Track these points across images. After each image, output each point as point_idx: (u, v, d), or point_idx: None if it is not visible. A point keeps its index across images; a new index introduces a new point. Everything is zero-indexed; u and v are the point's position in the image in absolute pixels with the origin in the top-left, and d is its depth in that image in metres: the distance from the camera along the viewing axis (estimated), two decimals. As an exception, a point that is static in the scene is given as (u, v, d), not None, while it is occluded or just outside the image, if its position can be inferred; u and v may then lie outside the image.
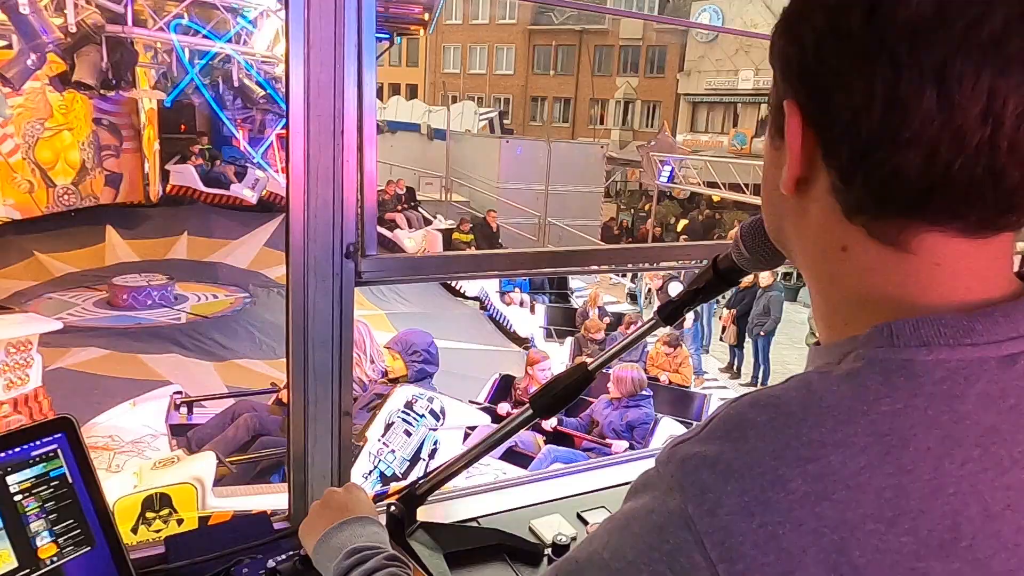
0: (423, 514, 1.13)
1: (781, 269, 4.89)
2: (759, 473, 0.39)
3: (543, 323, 8.73)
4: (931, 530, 0.37)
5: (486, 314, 9.12)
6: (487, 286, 9.38)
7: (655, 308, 0.89)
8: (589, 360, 0.92)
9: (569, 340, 7.86)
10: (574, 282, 10.71)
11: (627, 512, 0.44)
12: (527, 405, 0.95)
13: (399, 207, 12.72)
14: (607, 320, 8.15)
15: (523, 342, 8.13)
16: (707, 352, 9.99)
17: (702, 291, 0.83)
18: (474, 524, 1.17)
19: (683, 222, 16.68)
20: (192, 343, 6.83)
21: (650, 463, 0.46)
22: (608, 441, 4.87)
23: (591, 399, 5.19)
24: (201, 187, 10.60)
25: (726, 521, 0.38)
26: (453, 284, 9.63)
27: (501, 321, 8.77)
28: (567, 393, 0.93)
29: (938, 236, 0.41)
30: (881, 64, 0.39)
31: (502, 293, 9.38)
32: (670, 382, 7.09)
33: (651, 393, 5.17)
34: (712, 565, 0.38)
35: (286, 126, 0.99)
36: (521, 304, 9.17)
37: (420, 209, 13.38)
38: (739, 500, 0.38)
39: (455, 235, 11.53)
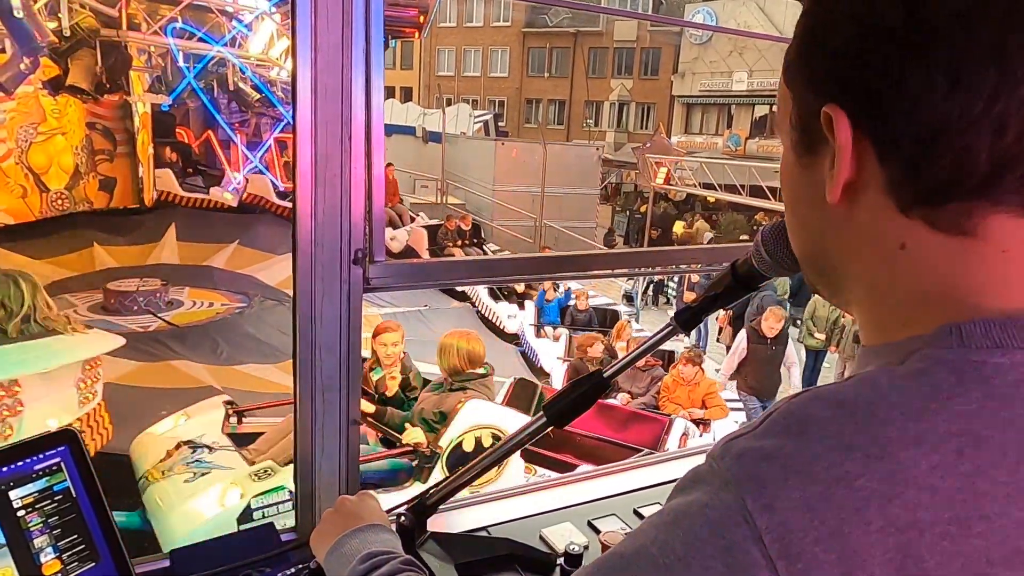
0: (432, 523, 1.11)
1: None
2: (823, 468, 0.37)
3: (562, 353, 8.44)
4: (1005, 536, 0.35)
5: (519, 349, 8.94)
6: (525, 322, 9.20)
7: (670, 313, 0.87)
8: (605, 368, 0.91)
9: (564, 365, 7.47)
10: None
11: (677, 507, 0.42)
12: (540, 413, 0.94)
13: (460, 242, 12.05)
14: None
15: (545, 376, 8.01)
16: (704, 353, 9.98)
17: (721, 296, 0.82)
18: (484, 533, 1.15)
19: (679, 223, 16.73)
20: (141, 347, 6.73)
21: (658, 471, 0.44)
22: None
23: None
24: (274, 199, 10.56)
25: (787, 517, 0.36)
26: (495, 323, 9.43)
27: (531, 356, 8.65)
28: (581, 401, 0.91)
29: (1005, 218, 0.41)
30: (936, 51, 0.39)
31: (537, 328, 9.21)
32: (692, 420, 5.74)
33: (487, 371, 3.91)
34: (771, 562, 0.36)
35: (293, 131, 0.97)
36: (555, 339, 8.93)
37: (485, 248, 12.70)
38: (801, 495, 0.37)
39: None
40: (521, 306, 9.72)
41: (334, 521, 0.86)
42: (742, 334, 6.55)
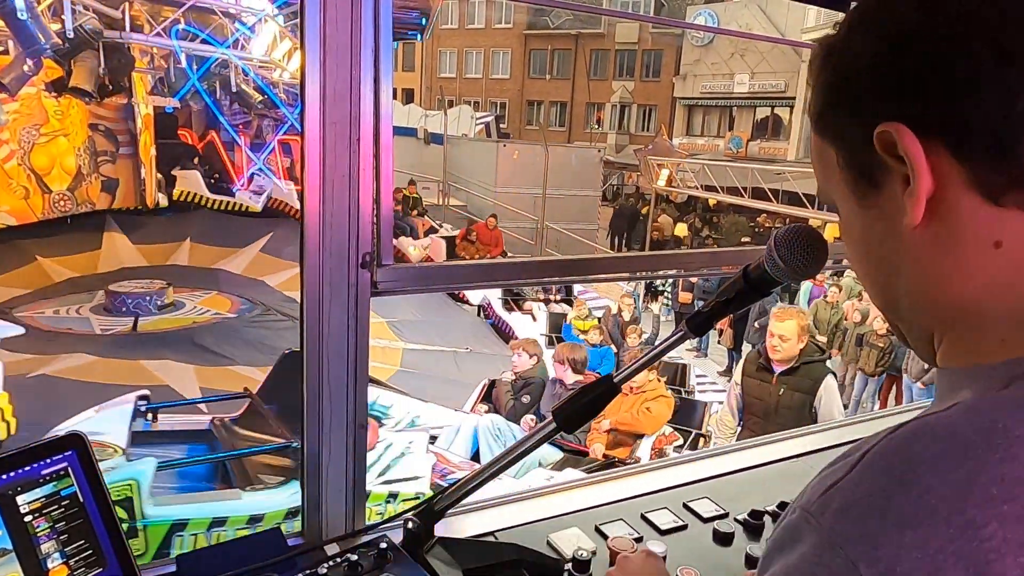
0: (440, 528, 1.11)
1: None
2: (944, 518, 0.33)
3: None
4: None
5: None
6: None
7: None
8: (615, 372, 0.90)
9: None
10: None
11: (780, 573, 0.38)
12: (550, 418, 0.93)
13: (544, 298, 10.40)
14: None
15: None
16: (706, 356, 9.96)
17: (732, 301, 0.81)
18: (491, 539, 1.15)
19: (681, 226, 16.67)
20: (92, 346, 6.94)
21: (666, 476, 0.42)
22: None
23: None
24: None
25: None
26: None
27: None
28: (592, 406, 0.91)
29: None
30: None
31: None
32: (606, 458, 4.49)
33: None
34: None
35: (301, 132, 0.97)
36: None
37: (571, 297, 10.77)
38: (922, 553, 0.33)
39: (574, 322, 9.48)
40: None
41: None
42: (737, 371, 3.77)
